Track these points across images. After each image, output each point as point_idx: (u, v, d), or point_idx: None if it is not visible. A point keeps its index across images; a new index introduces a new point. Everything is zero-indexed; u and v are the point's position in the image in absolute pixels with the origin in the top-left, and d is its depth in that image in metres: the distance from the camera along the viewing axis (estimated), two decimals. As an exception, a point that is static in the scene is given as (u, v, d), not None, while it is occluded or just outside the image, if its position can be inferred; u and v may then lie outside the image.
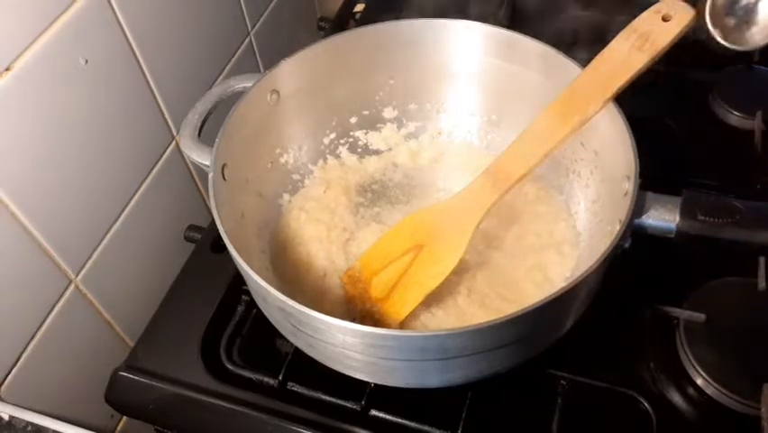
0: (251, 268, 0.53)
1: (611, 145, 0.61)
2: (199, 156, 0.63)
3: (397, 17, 0.74)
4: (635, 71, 0.59)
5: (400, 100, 0.79)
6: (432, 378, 0.57)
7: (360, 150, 0.80)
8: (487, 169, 0.64)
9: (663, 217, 0.55)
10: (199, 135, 0.65)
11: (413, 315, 0.63)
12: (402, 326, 0.63)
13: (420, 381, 0.58)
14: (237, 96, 0.67)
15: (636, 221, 0.55)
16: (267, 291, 0.51)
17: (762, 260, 0.66)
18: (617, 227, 0.54)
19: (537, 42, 0.68)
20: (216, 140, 0.61)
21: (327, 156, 0.79)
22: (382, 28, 0.73)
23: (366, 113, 0.79)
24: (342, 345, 0.52)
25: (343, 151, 0.79)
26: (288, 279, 0.68)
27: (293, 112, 0.73)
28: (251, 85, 0.67)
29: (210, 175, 0.59)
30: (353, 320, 0.61)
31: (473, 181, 0.65)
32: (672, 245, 0.56)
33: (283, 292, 0.51)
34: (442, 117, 0.80)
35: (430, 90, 0.78)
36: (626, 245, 0.55)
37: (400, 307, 0.63)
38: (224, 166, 0.61)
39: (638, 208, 0.55)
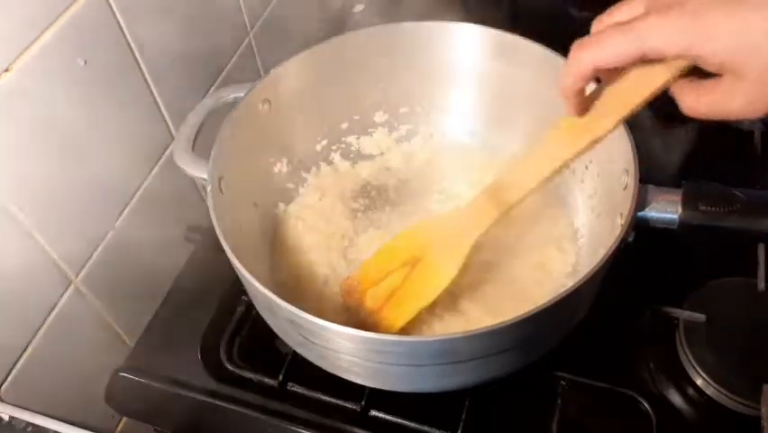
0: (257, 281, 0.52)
1: (606, 139, 0.61)
2: (194, 169, 0.63)
3: (396, 18, 0.74)
4: (654, 88, 0.50)
5: (391, 103, 0.79)
6: (428, 383, 0.57)
7: (352, 155, 0.80)
8: (489, 185, 0.61)
9: (666, 209, 0.55)
10: (193, 148, 0.65)
11: (420, 319, 0.63)
12: (407, 330, 0.62)
13: (420, 386, 0.58)
14: (229, 106, 0.66)
15: (639, 214, 0.55)
16: (277, 305, 0.51)
17: (761, 260, 0.66)
18: (618, 221, 0.54)
19: (533, 43, 0.68)
20: (212, 152, 0.61)
21: (320, 163, 0.78)
22: (373, 32, 0.72)
23: (357, 118, 0.79)
24: (355, 353, 0.52)
25: (336, 157, 0.79)
26: (289, 288, 0.68)
27: (284, 120, 0.73)
28: (242, 95, 0.67)
29: (209, 188, 0.59)
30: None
31: (476, 197, 0.62)
32: (671, 242, 0.57)
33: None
34: (434, 119, 0.80)
35: (422, 92, 0.78)
36: (630, 239, 0.55)
37: (394, 319, 0.62)
38: (220, 178, 0.61)
39: (640, 201, 0.55)
